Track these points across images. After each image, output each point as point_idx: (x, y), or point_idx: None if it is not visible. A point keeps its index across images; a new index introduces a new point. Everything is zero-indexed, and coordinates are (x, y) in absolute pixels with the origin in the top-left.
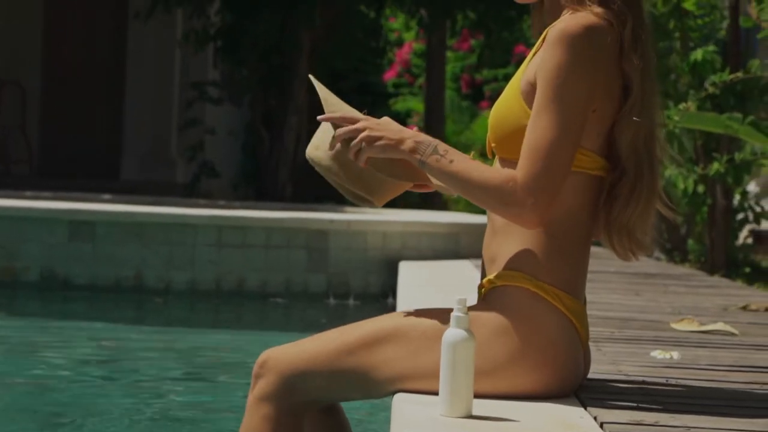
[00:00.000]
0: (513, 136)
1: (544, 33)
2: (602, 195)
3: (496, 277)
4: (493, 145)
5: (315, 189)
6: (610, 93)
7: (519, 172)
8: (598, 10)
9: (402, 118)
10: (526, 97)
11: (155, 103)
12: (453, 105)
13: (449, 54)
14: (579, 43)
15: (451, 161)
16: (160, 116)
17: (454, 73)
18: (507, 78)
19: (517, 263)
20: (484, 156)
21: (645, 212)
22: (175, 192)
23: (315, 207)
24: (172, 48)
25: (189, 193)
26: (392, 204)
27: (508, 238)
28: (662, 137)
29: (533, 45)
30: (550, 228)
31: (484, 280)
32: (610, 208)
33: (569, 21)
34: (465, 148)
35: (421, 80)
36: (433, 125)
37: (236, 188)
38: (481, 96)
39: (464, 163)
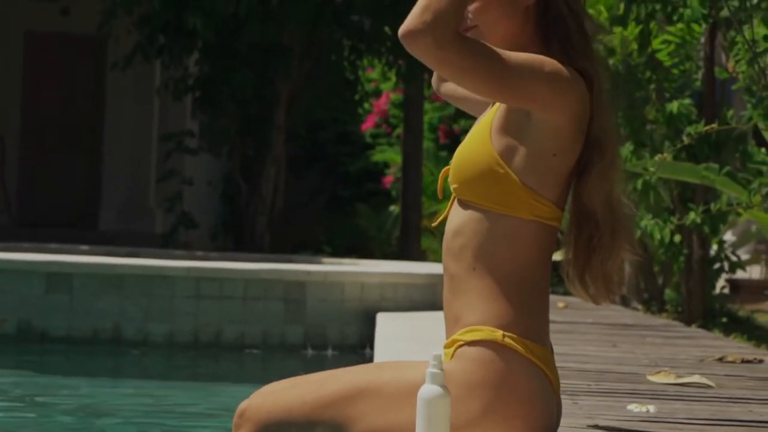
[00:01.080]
0: (477, 180)
1: None
2: (555, 243)
3: (462, 334)
4: (455, 186)
5: (293, 238)
6: (573, 143)
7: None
8: (582, 63)
9: (380, 169)
10: (495, 142)
11: (134, 153)
12: (430, 155)
13: (427, 105)
14: (559, 73)
15: None
16: (138, 167)
17: (432, 124)
18: None
19: (482, 317)
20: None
21: (621, 259)
22: (154, 242)
23: (292, 258)
24: (150, 99)
25: (167, 243)
26: (369, 254)
27: (469, 295)
28: (624, 184)
29: None
30: (509, 279)
31: (450, 340)
32: (588, 260)
33: None
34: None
35: (399, 130)
36: (410, 175)
37: (214, 238)
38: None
39: None
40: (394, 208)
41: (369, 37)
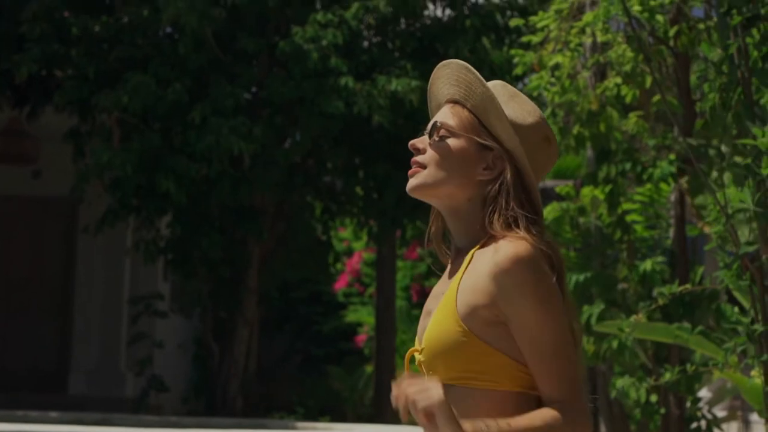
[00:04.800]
0: (449, 357)
1: (469, 256)
2: None
3: None
4: (431, 372)
5: (265, 400)
6: None
7: (555, 392)
8: (529, 237)
9: (353, 328)
10: (465, 318)
11: (104, 316)
12: (403, 314)
13: (399, 263)
14: (538, 264)
15: (509, 424)
16: (108, 330)
17: (405, 283)
18: None
19: None
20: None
21: None
22: (124, 406)
23: (265, 423)
24: (121, 261)
25: (138, 407)
26: (343, 416)
27: None
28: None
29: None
30: None
31: None
32: None
33: (515, 246)
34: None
35: (371, 290)
36: (383, 336)
37: (186, 401)
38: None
39: (522, 420)
40: (367, 368)
41: (341, 198)
